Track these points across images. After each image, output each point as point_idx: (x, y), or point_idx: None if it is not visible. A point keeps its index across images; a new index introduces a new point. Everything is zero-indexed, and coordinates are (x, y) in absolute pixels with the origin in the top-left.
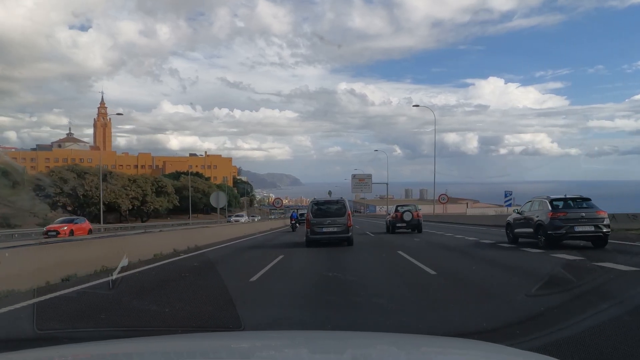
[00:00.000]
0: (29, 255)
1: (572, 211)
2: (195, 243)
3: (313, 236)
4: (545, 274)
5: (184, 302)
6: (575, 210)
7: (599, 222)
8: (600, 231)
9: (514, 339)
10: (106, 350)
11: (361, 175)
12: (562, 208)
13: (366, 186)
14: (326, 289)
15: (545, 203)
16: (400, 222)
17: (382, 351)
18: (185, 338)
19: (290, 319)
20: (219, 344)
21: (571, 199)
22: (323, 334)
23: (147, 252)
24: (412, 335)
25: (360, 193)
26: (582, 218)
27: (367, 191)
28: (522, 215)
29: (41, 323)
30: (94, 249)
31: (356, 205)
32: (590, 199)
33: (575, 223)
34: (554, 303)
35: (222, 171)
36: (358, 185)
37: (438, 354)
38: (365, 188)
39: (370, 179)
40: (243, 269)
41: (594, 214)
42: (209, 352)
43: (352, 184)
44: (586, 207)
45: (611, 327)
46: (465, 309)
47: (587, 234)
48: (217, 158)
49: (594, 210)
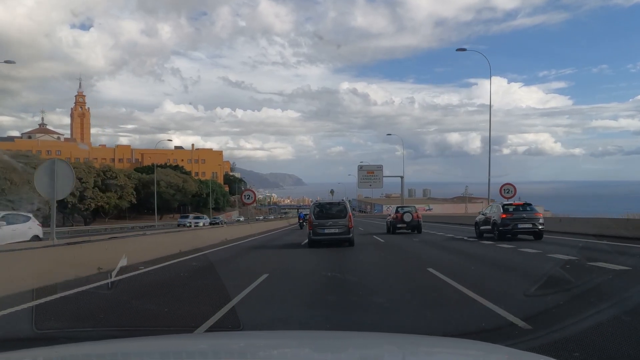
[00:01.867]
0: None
1: (517, 213)
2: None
3: (315, 237)
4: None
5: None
6: (520, 212)
7: (536, 221)
8: (537, 228)
9: (514, 339)
10: (105, 350)
11: (370, 167)
12: (510, 211)
13: (376, 180)
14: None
15: (499, 207)
16: (401, 222)
17: (382, 351)
18: (184, 338)
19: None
20: (219, 343)
21: (518, 204)
22: (323, 334)
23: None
24: (412, 336)
25: (368, 188)
26: (524, 218)
27: (377, 186)
28: (485, 216)
29: (40, 323)
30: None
31: (361, 204)
32: (531, 204)
33: (519, 222)
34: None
35: (211, 166)
36: (366, 178)
37: (438, 354)
38: (375, 182)
39: (381, 171)
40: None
41: (533, 215)
42: (208, 352)
43: (358, 178)
44: (528, 210)
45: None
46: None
47: (527, 230)
48: (205, 152)
49: (533, 212)
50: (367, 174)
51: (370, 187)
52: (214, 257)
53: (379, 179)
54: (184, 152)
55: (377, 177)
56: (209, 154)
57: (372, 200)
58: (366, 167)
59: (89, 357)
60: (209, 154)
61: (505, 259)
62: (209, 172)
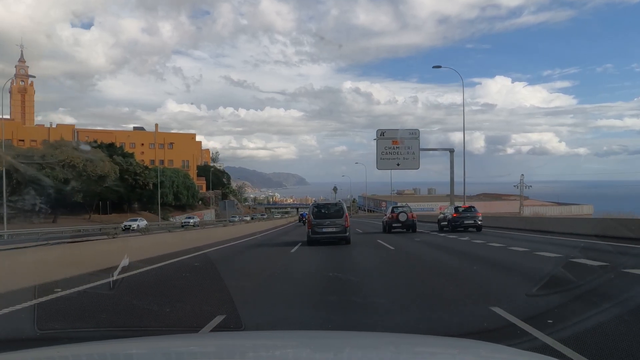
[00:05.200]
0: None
1: (463, 213)
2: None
3: (314, 236)
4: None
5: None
6: (465, 213)
7: (477, 219)
8: (477, 223)
9: (514, 339)
10: (107, 351)
11: (395, 133)
12: (460, 212)
13: (408, 155)
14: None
15: (452, 209)
16: (396, 222)
17: (382, 351)
18: (185, 338)
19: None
20: (220, 344)
21: (465, 207)
22: (323, 334)
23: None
24: (412, 335)
25: (395, 168)
26: (468, 217)
27: (408, 165)
28: (444, 215)
29: (42, 323)
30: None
31: (367, 202)
32: (474, 206)
33: (464, 219)
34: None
35: (182, 153)
36: (390, 153)
37: (438, 354)
38: (406, 158)
39: (417, 140)
40: None
41: (475, 215)
42: (210, 352)
43: (377, 152)
44: (472, 211)
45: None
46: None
47: (470, 225)
48: (174, 135)
49: (475, 212)
50: (392, 146)
51: (398, 166)
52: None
53: (413, 155)
54: (145, 134)
55: (410, 151)
56: (179, 138)
57: (379, 197)
58: (390, 134)
59: (92, 357)
60: (179, 138)
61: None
62: (178, 160)
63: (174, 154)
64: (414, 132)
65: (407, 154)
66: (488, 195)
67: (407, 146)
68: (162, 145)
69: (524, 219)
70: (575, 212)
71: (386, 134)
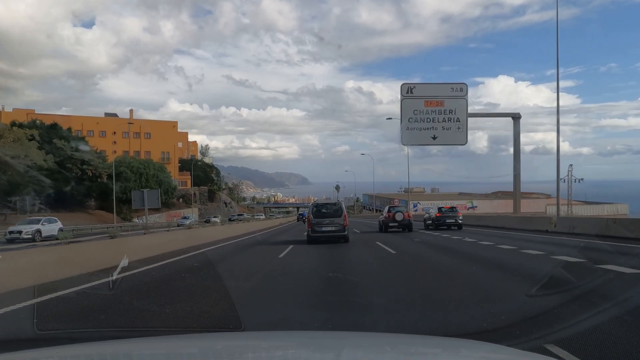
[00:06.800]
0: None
1: (445, 213)
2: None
3: (314, 234)
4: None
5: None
6: (447, 212)
7: (457, 218)
8: (457, 222)
9: (514, 339)
10: (106, 351)
11: (429, 87)
12: (442, 211)
13: (451, 123)
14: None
15: (436, 209)
16: (393, 221)
17: (382, 351)
18: (185, 338)
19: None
20: (220, 344)
21: (447, 208)
22: (323, 334)
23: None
24: (412, 336)
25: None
26: (450, 216)
27: (451, 139)
28: (429, 215)
29: (41, 323)
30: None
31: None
32: (456, 207)
33: (446, 218)
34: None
35: (162, 144)
36: (423, 118)
37: (438, 355)
38: (447, 129)
39: (465, 100)
40: None
41: (456, 215)
42: (209, 352)
43: (402, 117)
44: (453, 211)
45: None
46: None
47: (452, 223)
48: (152, 123)
49: (456, 212)
50: (426, 109)
51: (435, 140)
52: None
53: (458, 122)
54: (117, 120)
55: (453, 117)
56: (158, 126)
57: (383, 195)
58: (421, 90)
59: (91, 358)
60: (157, 126)
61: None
62: (157, 152)
63: (151, 144)
64: (460, 87)
65: (448, 121)
66: (505, 194)
67: (448, 109)
68: (138, 134)
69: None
70: (610, 211)
71: (416, 90)
